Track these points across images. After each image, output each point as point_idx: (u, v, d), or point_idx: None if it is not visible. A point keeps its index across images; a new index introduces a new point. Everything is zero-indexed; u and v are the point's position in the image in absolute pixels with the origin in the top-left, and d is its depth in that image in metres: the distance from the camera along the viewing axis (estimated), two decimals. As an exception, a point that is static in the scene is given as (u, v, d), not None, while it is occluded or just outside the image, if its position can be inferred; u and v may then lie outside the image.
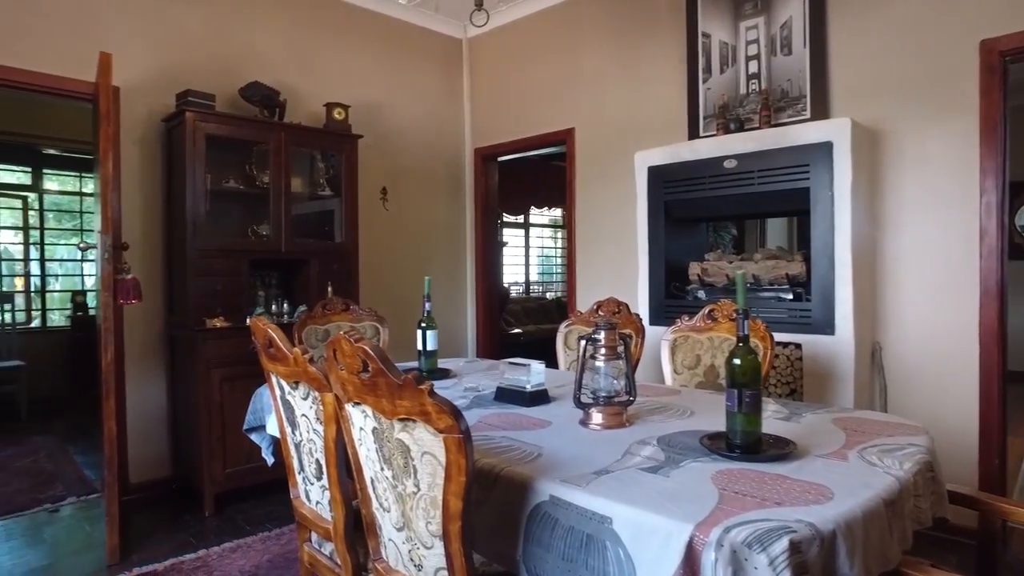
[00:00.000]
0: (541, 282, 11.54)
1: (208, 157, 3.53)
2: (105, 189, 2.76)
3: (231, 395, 3.46)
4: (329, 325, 3.25)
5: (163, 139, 3.79)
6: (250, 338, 1.85)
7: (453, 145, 5.42)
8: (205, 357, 3.38)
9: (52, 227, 6.62)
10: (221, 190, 3.72)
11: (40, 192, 6.43)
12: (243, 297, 3.67)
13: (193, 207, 3.47)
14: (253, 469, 3.50)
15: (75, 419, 5.62)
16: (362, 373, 1.28)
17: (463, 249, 5.49)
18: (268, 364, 1.79)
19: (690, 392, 2.37)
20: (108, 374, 2.77)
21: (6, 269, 6.36)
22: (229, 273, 3.60)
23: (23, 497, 3.70)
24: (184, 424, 3.66)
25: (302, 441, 1.78)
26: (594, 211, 4.59)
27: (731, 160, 3.42)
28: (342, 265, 4.12)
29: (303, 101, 4.35)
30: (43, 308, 6.46)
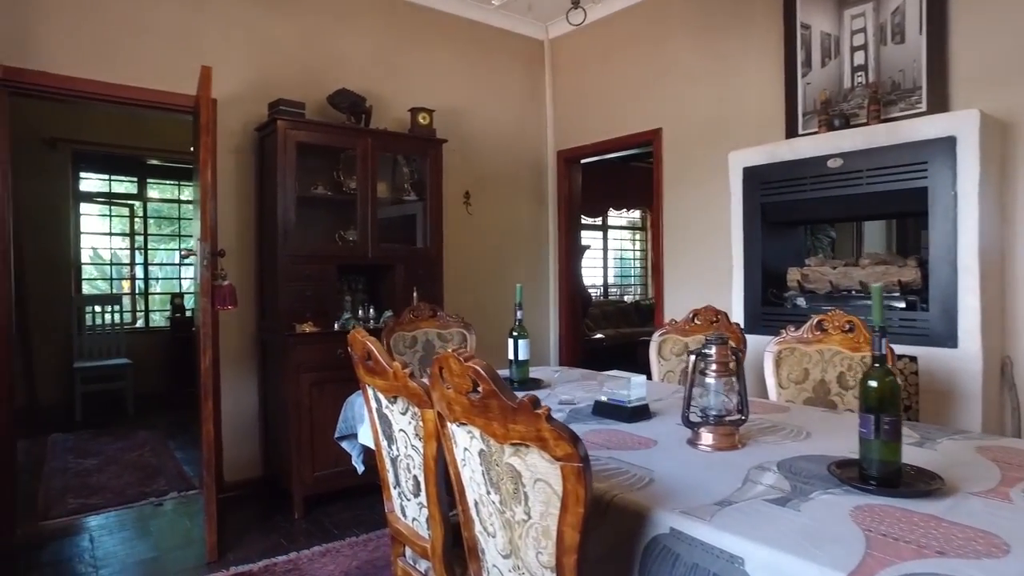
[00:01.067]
0: (619, 284, 11.34)
1: (298, 164, 3.61)
2: (204, 198, 2.84)
3: (320, 399, 3.51)
4: (416, 332, 3.24)
5: (256, 148, 3.91)
6: (345, 348, 1.84)
7: (535, 148, 5.36)
8: (295, 362, 3.44)
9: (154, 233, 7.00)
10: (310, 196, 3.79)
11: (144, 200, 6.81)
12: (331, 302, 3.73)
13: (284, 213, 3.54)
14: (341, 473, 3.53)
15: (175, 415, 5.90)
16: (471, 393, 1.22)
17: (545, 253, 5.42)
18: (365, 376, 1.77)
19: (800, 409, 2.20)
20: (206, 377, 2.85)
21: (115, 272, 6.77)
22: (318, 278, 3.66)
23: (132, 490, 3.89)
24: (274, 426, 3.75)
25: (399, 456, 1.75)
26: (682, 213, 4.42)
27: (836, 159, 3.20)
28: (427, 270, 4.12)
29: (388, 107, 4.39)
30: (146, 309, 6.84)
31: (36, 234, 6.04)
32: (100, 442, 4.99)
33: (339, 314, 3.78)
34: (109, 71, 3.46)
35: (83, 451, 4.75)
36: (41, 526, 3.42)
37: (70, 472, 4.26)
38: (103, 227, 6.68)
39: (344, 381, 3.53)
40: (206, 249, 2.82)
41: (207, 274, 2.82)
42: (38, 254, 6.06)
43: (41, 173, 6.09)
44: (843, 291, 3.33)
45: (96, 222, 6.69)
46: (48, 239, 6.13)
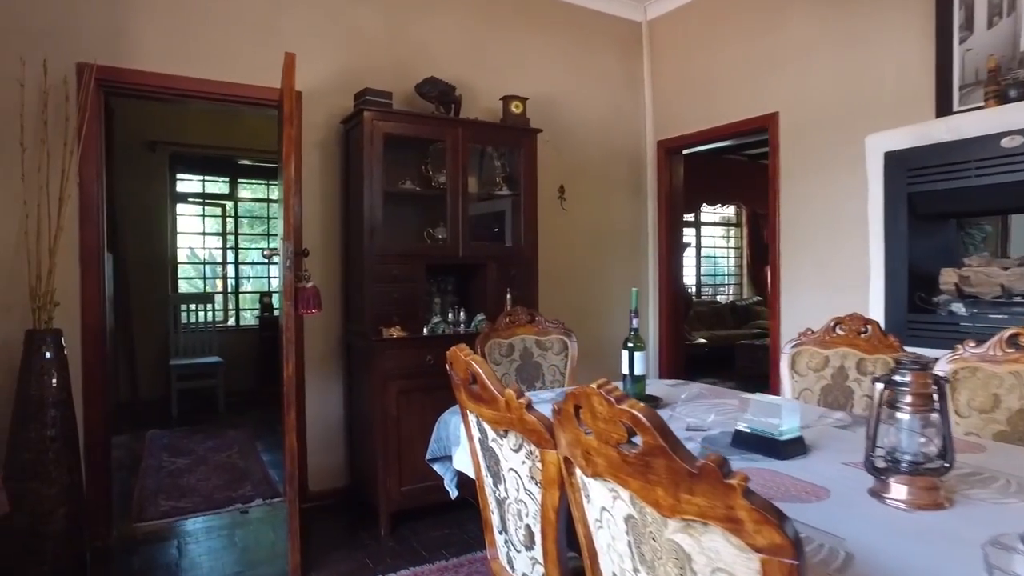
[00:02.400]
0: (711, 284, 10.73)
1: (385, 158, 3.39)
2: (287, 194, 2.65)
3: (408, 409, 3.29)
4: (513, 339, 2.96)
5: (341, 141, 3.74)
6: (435, 354, 1.57)
7: (633, 138, 4.97)
8: (382, 369, 3.23)
9: (245, 232, 7.07)
10: (397, 192, 3.58)
11: (235, 200, 6.89)
12: (419, 304, 3.50)
13: (370, 210, 3.34)
14: (429, 488, 3.30)
15: (262, 413, 5.90)
16: (624, 445, 0.90)
17: (643, 251, 5.02)
18: (469, 402, 1.49)
19: (998, 448, 1.75)
20: (289, 386, 2.66)
21: (209, 272, 6.88)
22: (406, 279, 3.44)
23: (220, 494, 3.82)
24: (360, 436, 3.56)
25: (508, 500, 1.45)
26: (802, 206, 3.93)
27: (1014, 137, 2.67)
28: (520, 270, 3.83)
29: (477, 96, 4.13)
30: (236, 308, 6.92)
31: (137, 234, 6.19)
32: (192, 440, 5.01)
33: (428, 317, 3.55)
34: (199, 66, 3.35)
35: (176, 449, 4.77)
36: (135, 528, 3.37)
37: (163, 471, 4.25)
38: (197, 227, 6.80)
39: (433, 390, 3.31)
40: (289, 249, 2.63)
41: (290, 275, 2.64)
42: (139, 254, 6.20)
43: (142, 175, 6.24)
44: (1019, 296, 2.78)
45: (191, 222, 6.82)
46: (148, 239, 6.27)
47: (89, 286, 3.05)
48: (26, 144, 2.82)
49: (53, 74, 2.95)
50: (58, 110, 2.95)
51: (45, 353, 2.73)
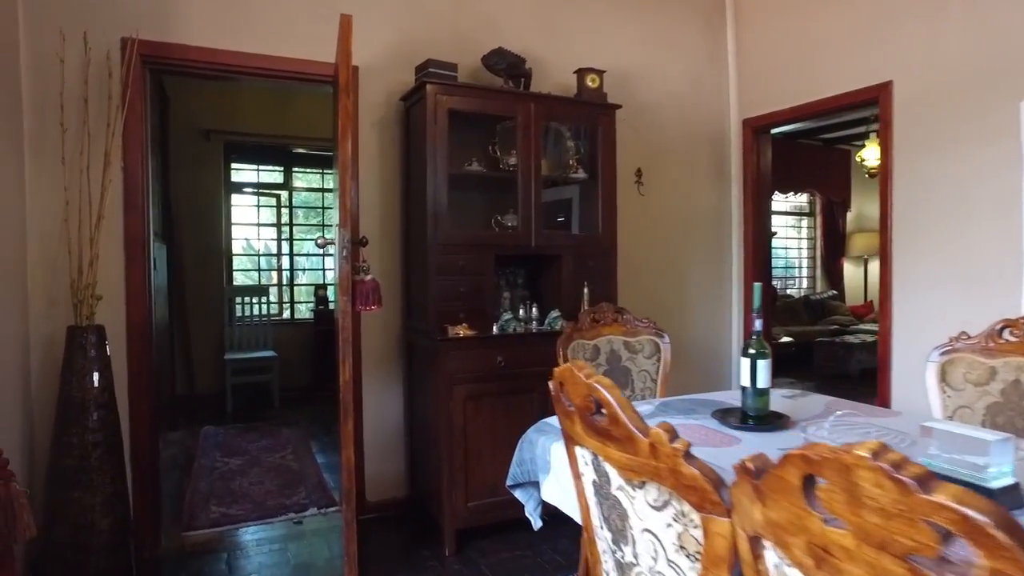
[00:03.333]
0: (782, 277, 10.08)
1: (449, 137, 3.06)
2: (343, 175, 2.34)
3: (476, 417, 2.96)
4: (599, 340, 2.59)
5: (401, 120, 3.42)
6: (507, 354, 1.20)
7: (715, 116, 4.51)
8: (447, 371, 2.90)
9: (299, 223, 6.90)
10: (463, 175, 3.24)
11: (290, 190, 6.72)
12: (488, 300, 3.16)
13: (434, 195, 3.01)
14: (498, 504, 2.97)
15: (317, 410, 5.70)
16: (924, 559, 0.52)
17: (726, 241, 4.57)
18: (587, 437, 1.12)
19: None
20: (346, 392, 2.36)
21: (264, 263, 6.74)
22: (473, 272, 3.10)
23: (273, 500, 3.58)
24: (421, 444, 3.25)
25: (638, 569, 1.08)
26: (919, 189, 3.41)
27: None
28: (598, 262, 3.45)
29: (547, 70, 3.75)
30: (291, 301, 6.75)
31: (193, 225, 6.07)
32: (246, 439, 4.83)
33: (497, 314, 3.21)
34: (248, 40, 3.08)
35: (230, 448, 4.58)
36: (184, 538, 3.15)
37: (216, 473, 4.05)
38: (252, 217, 6.66)
39: (505, 395, 2.97)
40: (345, 237, 2.32)
41: (346, 267, 2.33)
42: (195, 245, 6.08)
43: (197, 165, 6.11)
44: None
45: (245, 213, 6.67)
46: (203, 230, 6.15)
47: (134, 278, 2.82)
48: (66, 124, 2.59)
49: (95, 49, 2.71)
50: (100, 89, 2.72)
51: (87, 351, 2.50)
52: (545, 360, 3.07)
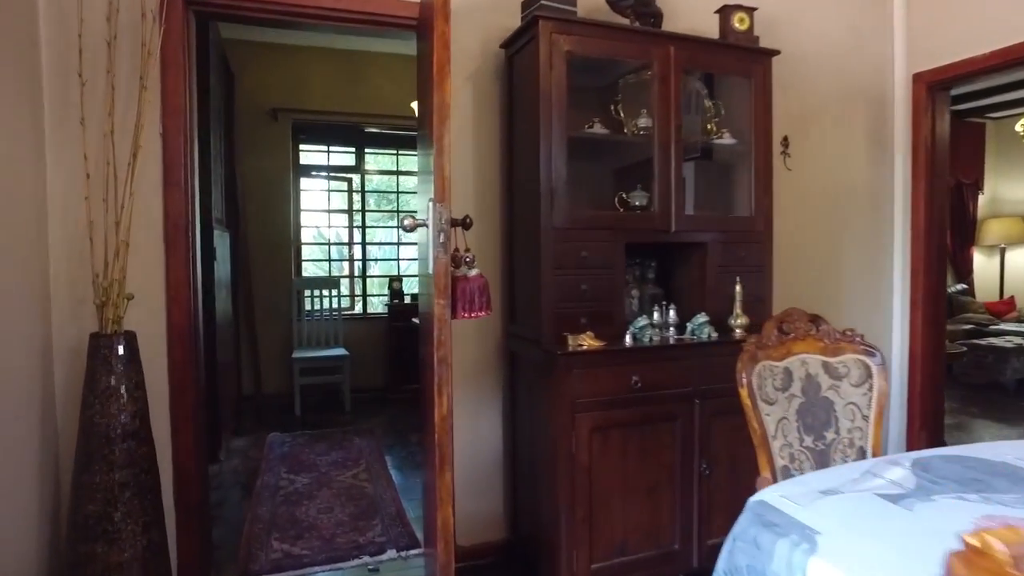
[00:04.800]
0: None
1: (568, 89, 2.35)
2: (439, 129, 1.67)
3: (604, 453, 2.26)
4: (789, 360, 1.84)
5: (502, 73, 2.74)
6: (644, 371, 0.62)
7: (877, 71, 3.63)
8: (569, 395, 2.21)
9: (372, 209, 6.36)
10: (582, 139, 2.53)
11: (362, 173, 6.18)
12: (616, 300, 2.45)
13: (549, 163, 2.31)
14: (632, 565, 2.28)
15: (392, 416, 5.16)
16: None
17: (885, 227, 3.68)
18: None
19: None
20: (443, 435, 1.70)
21: (334, 253, 6.23)
22: (598, 264, 2.39)
23: (344, 536, 3.00)
24: (527, 480, 2.58)
25: None
26: None
27: None
28: (750, 251, 2.69)
29: (676, 11, 2.98)
30: (364, 294, 6.23)
31: (260, 212, 5.60)
32: (315, 450, 4.30)
33: (624, 318, 2.49)
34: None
35: (297, 461, 4.06)
36: (239, 584, 2.61)
37: (280, 494, 3.52)
38: (321, 203, 6.15)
39: (639, 425, 2.27)
40: (442, 216, 1.66)
41: (444, 259, 1.66)
42: (262, 234, 5.62)
43: (264, 146, 5.64)
44: None
45: (314, 198, 6.18)
46: (271, 217, 5.68)
47: (176, 271, 2.25)
48: (86, 75, 2.03)
49: (125, -19, 2.15)
50: (132, 33, 2.14)
51: (112, 365, 1.94)
52: (689, 379, 2.36)
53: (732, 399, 1.83)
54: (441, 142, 1.66)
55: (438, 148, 1.66)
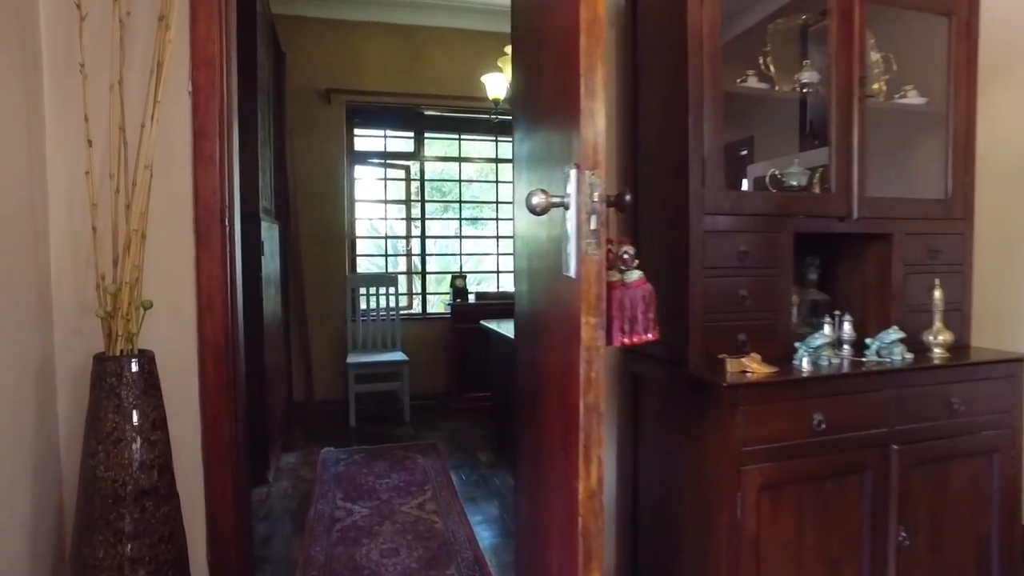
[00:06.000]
0: None
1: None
2: (590, 57, 1.08)
3: (775, 518, 1.65)
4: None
5: (624, 19, 2.15)
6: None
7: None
8: (734, 440, 1.61)
9: (431, 199, 5.84)
10: (735, 96, 1.91)
11: (421, 160, 5.65)
12: (780, 309, 1.83)
13: (700, 130, 1.71)
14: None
15: (456, 428, 4.65)
16: None
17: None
18: None
19: None
20: (589, 518, 1.11)
21: (391, 248, 5.74)
22: (760, 263, 1.79)
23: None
24: (656, 541, 1.99)
25: None
26: None
27: None
28: (946, 245, 2.03)
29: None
30: (423, 292, 5.71)
31: (311, 202, 5.15)
32: (373, 470, 3.80)
33: (790, 333, 1.87)
34: None
35: (354, 485, 3.56)
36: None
37: (336, 529, 3.02)
38: (377, 193, 5.66)
39: (819, 480, 1.65)
40: (595, 190, 1.08)
41: (597, 256, 1.08)
42: (314, 226, 5.16)
43: (316, 131, 5.17)
44: None
45: (369, 187, 5.69)
46: (323, 208, 5.21)
47: (209, 270, 1.74)
48: (85, 6, 1.52)
49: None
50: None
51: (121, 397, 1.43)
52: (882, 417, 1.74)
53: (938, 443, 1.24)
54: (593, 76, 1.08)
55: (588, 86, 1.08)
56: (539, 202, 1.12)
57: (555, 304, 1.30)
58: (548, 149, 1.41)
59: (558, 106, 1.30)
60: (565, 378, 1.22)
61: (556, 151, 1.31)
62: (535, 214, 1.13)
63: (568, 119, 1.19)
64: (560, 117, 1.28)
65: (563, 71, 1.24)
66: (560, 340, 1.26)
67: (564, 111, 1.23)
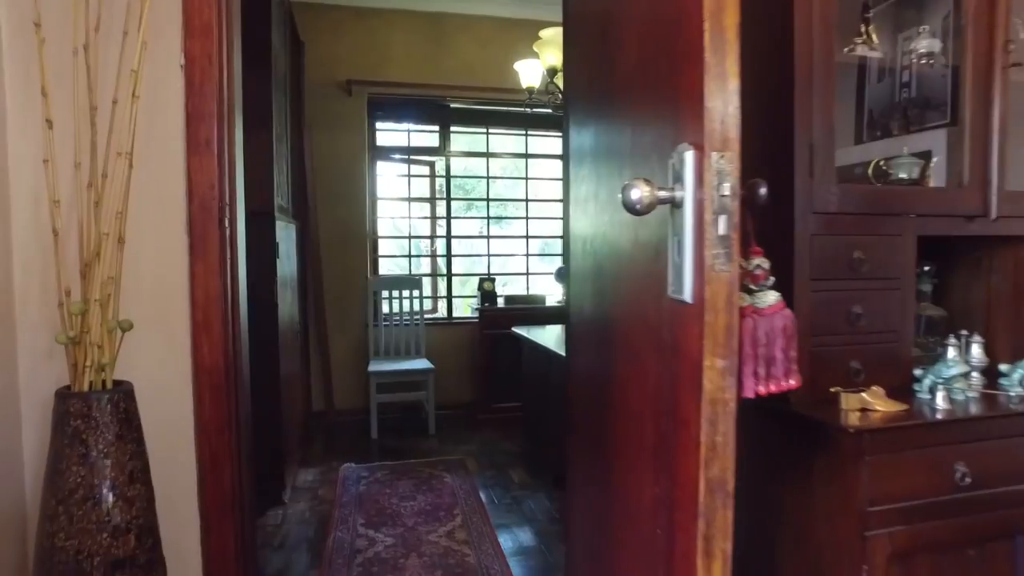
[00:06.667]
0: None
1: None
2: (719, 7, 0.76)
3: (911, 600, 1.32)
4: None
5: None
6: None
7: None
8: (857, 497, 1.27)
9: (457, 197, 5.54)
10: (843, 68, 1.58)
11: (447, 155, 5.35)
12: (902, 330, 1.49)
13: (809, 106, 1.37)
14: None
15: (485, 442, 4.35)
16: None
17: None
18: None
19: None
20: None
21: (414, 248, 5.44)
22: (876, 272, 1.45)
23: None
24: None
25: None
26: None
27: None
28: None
29: None
30: (448, 295, 5.41)
31: (331, 200, 4.87)
32: (397, 491, 3.50)
33: (910, 359, 1.52)
34: None
35: (376, 509, 3.27)
36: None
37: (357, 564, 2.72)
38: (400, 190, 5.36)
39: (966, 546, 1.31)
40: (724, 178, 0.76)
41: (726, 272, 0.76)
42: (334, 225, 4.89)
43: (336, 125, 4.89)
44: None
45: (392, 185, 5.40)
46: (343, 206, 4.93)
47: (206, 282, 1.44)
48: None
49: None
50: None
51: (88, 446, 1.14)
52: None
53: None
54: (721, 19, 0.76)
55: (716, 35, 0.77)
56: (642, 197, 0.80)
57: (648, 331, 0.97)
58: (630, 135, 1.09)
59: (650, 77, 0.98)
60: (665, 434, 0.90)
61: (646, 137, 0.99)
62: (635, 213, 0.81)
63: (671, 90, 0.87)
64: (653, 91, 0.96)
65: (661, 29, 0.92)
66: (657, 381, 0.94)
67: (661, 82, 0.91)
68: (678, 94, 0.85)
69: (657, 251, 0.92)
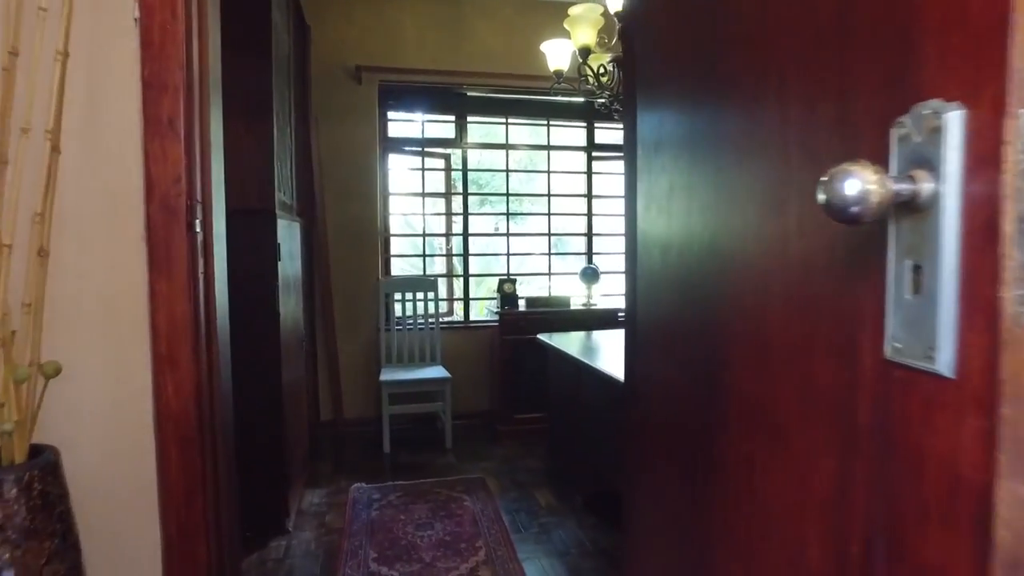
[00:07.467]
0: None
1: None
2: None
3: None
4: None
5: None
6: None
7: None
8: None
9: (474, 192, 5.20)
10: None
11: (463, 147, 5.00)
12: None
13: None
14: None
15: (506, 458, 4.02)
16: None
17: None
18: None
19: None
20: None
21: (428, 247, 5.11)
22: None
23: None
24: None
25: None
26: None
27: None
28: None
29: None
30: (465, 297, 5.07)
31: (340, 196, 4.54)
32: (412, 516, 3.18)
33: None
34: None
35: (390, 539, 2.94)
36: None
37: (368, 604, 2.40)
38: (413, 185, 5.02)
39: None
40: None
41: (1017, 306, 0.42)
42: (342, 223, 4.56)
43: (345, 115, 4.56)
44: None
45: (405, 179, 5.07)
46: (353, 202, 4.60)
47: (169, 305, 1.10)
48: None
49: None
50: None
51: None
52: None
53: None
54: None
55: None
56: (866, 192, 0.45)
57: (813, 403, 0.62)
58: (775, 100, 0.74)
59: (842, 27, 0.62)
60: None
61: (822, 113, 0.64)
62: (848, 220, 0.46)
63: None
64: (844, 44, 0.61)
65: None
66: (839, 487, 0.59)
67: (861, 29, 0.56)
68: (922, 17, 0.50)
69: (837, 277, 0.57)
